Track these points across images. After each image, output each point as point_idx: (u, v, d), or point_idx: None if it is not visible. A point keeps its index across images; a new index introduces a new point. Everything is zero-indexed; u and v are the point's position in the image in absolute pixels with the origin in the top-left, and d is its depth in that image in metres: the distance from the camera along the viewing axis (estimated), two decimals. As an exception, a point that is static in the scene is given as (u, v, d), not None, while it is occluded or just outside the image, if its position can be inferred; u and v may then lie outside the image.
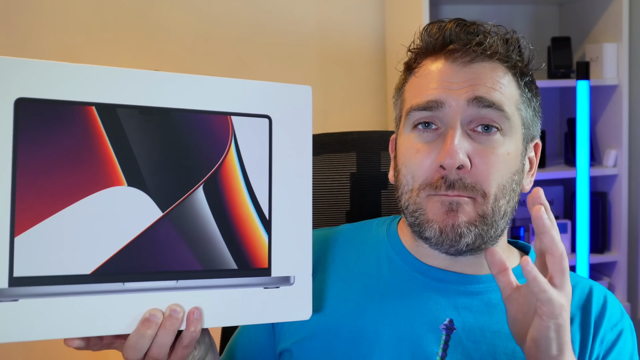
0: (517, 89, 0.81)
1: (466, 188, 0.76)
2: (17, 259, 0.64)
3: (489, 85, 0.78)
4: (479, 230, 0.77)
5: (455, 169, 0.76)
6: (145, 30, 2.21)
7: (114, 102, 0.68)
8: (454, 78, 0.79)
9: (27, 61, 0.65)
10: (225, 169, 0.73)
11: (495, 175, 0.77)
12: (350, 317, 0.82)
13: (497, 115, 0.78)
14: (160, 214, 0.70)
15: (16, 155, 0.64)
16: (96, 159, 0.67)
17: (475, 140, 0.78)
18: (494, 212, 0.78)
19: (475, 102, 0.77)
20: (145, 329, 0.67)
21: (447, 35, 0.81)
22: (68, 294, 0.66)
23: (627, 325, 0.85)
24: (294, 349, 0.83)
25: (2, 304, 0.64)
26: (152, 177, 0.69)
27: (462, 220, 0.77)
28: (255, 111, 0.75)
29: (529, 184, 0.85)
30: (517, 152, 0.80)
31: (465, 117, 0.78)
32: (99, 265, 0.67)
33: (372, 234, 0.91)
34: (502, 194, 0.78)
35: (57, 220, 0.66)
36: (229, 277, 0.73)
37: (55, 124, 0.66)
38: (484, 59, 0.80)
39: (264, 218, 0.75)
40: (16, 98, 0.64)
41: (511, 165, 0.79)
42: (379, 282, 0.84)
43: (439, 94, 0.78)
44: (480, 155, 0.77)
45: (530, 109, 0.83)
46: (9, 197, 0.64)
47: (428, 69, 0.82)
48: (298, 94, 0.77)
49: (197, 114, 0.72)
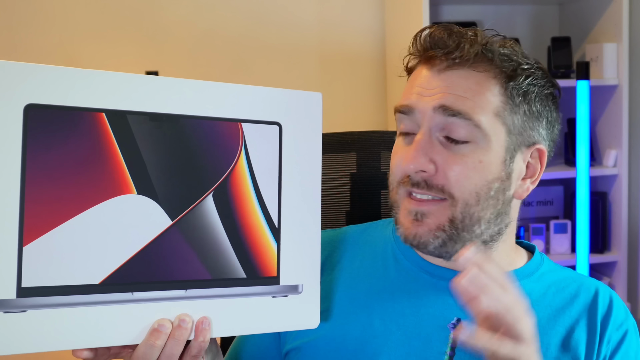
0: (498, 96, 0.79)
1: (431, 188, 0.77)
2: (25, 269, 0.63)
3: (459, 93, 0.77)
4: (448, 234, 0.78)
5: (415, 173, 0.78)
6: (145, 30, 2.21)
7: (124, 108, 0.67)
8: (428, 85, 0.79)
9: (37, 66, 0.64)
10: (235, 177, 0.72)
11: (465, 183, 0.77)
12: (358, 317, 0.82)
13: (464, 124, 0.77)
14: (169, 222, 0.69)
15: (25, 163, 0.63)
16: (106, 167, 0.66)
17: (446, 147, 0.78)
18: (464, 217, 0.77)
19: (441, 110, 0.77)
20: (155, 340, 0.67)
21: (428, 42, 0.81)
22: (77, 304, 0.65)
23: (632, 325, 0.85)
24: (301, 348, 0.84)
25: (10, 315, 0.62)
26: (161, 185, 0.68)
27: (425, 230, 0.78)
28: (266, 118, 0.74)
29: (526, 191, 0.83)
30: (496, 160, 0.79)
31: (435, 124, 0.78)
32: (107, 274, 0.66)
33: (378, 235, 0.91)
34: (475, 200, 0.77)
35: (66, 229, 0.64)
36: (238, 286, 0.72)
37: (64, 130, 0.65)
38: (460, 66, 0.79)
39: (273, 226, 0.74)
40: (26, 104, 0.63)
41: (486, 173, 0.78)
42: (385, 281, 0.85)
43: (411, 100, 0.80)
44: (448, 162, 0.77)
45: (519, 115, 0.80)
46: (18, 206, 0.63)
47: (414, 75, 0.83)
48: (308, 100, 0.77)
49: (207, 121, 0.71)
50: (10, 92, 0.63)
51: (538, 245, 2.16)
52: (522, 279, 0.84)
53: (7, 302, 0.62)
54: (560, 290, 0.85)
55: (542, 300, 0.83)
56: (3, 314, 0.62)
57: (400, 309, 0.82)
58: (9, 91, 0.63)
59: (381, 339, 0.80)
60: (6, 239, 0.62)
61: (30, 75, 0.64)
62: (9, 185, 0.62)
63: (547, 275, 0.86)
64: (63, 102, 0.65)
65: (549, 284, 0.85)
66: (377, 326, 0.81)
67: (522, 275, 0.85)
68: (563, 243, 2.21)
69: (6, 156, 0.62)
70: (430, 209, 0.78)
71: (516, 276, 0.84)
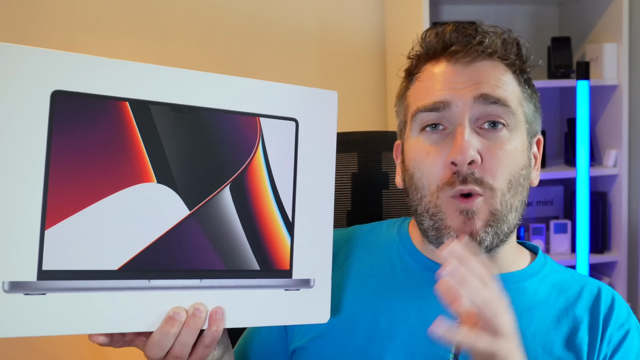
0: (518, 86, 0.83)
1: (476, 182, 0.77)
2: (46, 252, 0.63)
3: (493, 82, 0.80)
4: (494, 229, 0.78)
5: (466, 165, 0.77)
6: (146, 29, 2.21)
7: (147, 98, 0.68)
8: (458, 78, 0.80)
9: (65, 54, 0.65)
10: (252, 170, 0.73)
11: (505, 171, 0.78)
12: (364, 315, 0.83)
13: (504, 111, 0.79)
14: (187, 212, 0.70)
15: (50, 148, 0.64)
16: (127, 155, 0.67)
17: (483, 137, 0.79)
18: (503, 206, 0.78)
19: (482, 99, 0.78)
20: (169, 327, 0.67)
21: (447, 39, 0.82)
22: (95, 289, 0.65)
23: (634, 325, 0.85)
24: (308, 347, 0.84)
25: (30, 297, 0.63)
26: (181, 175, 0.69)
27: (479, 225, 0.77)
28: (283, 114, 0.75)
29: (536, 178, 0.86)
30: (524, 147, 0.82)
31: (473, 114, 0.79)
32: (126, 261, 0.67)
33: (383, 235, 0.91)
34: (508, 188, 0.79)
35: (87, 214, 0.65)
36: (251, 278, 0.73)
37: (89, 117, 0.66)
38: (484, 58, 0.81)
39: (287, 220, 0.75)
40: (53, 90, 0.64)
41: (519, 160, 0.80)
42: (392, 281, 0.85)
43: (444, 95, 0.79)
44: (490, 151, 0.78)
45: (532, 104, 0.84)
46: (42, 190, 0.63)
47: (431, 72, 0.83)
48: (325, 98, 0.78)
49: (227, 114, 0.72)
50: (38, 78, 0.63)
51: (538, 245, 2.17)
52: (527, 279, 0.85)
53: (27, 284, 0.63)
54: (564, 290, 0.85)
55: (546, 300, 0.83)
56: (24, 295, 0.63)
57: (406, 309, 0.82)
58: (37, 77, 0.63)
59: (387, 339, 0.81)
60: (29, 221, 0.63)
61: (58, 62, 0.65)
62: (34, 169, 0.63)
63: (550, 275, 0.87)
64: (89, 89, 0.66)
65: (552, 285, 0.85)
66: (383, 326, 0.81)
67: (527, 276, 0.85)
68: (563, 243, 2.21)
69: (32, 140, 0.63)
70: (477, 206, 0.77)
71: (520, 276, 0.85)
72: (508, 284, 0.82)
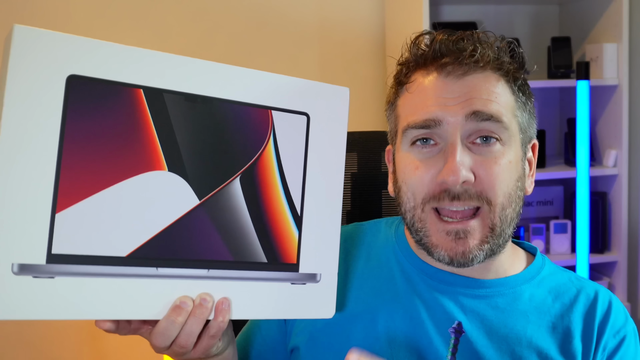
0: (511, 95, 0.80)
1: (471, 197, 0.76)
2: (56, 236, 0.63)
3: (485, 97, 0.77)
4: (490, 245, 0.77)
5: (459, 185, 0.75)
6: (146, 28, 2.21)
7: (161, 87, 0.68)
8: (449, 93, 0.77)
9: (80, 39, 0.65)
10: (262, 162, 0.73)
11: (501, 185, 0.77)
12: (362, 318, 0.83)
13: (496, 127, 0.77)
14: (197, 201, 0.70)
15: (64, 132, 0.64)
16: (140, 142, 0.67)
17: (475, 152, 0.77)
18: (502, 221, 0.77)
19: (474, 116, 0.76)
20: (176, 316, 0.67)
21: (438, 48, 0.79)
22: (103, 274, 0.65)
23: (631, 330, 0.84)
24: (306, 346, 0.84)
25: (38, 280, 0.63)
26: (192, 164, 0.69)
27: (474, 244, 0.76)
28: (295, 108, 0.75)
29: (530, 185, 0.84)
30: (518, 158, 0.80)
31: (465, 132, 0.77)
32: (135, 248, 0.66)
33: (382, 236, 0.91)
34: (508, 202, 0.78)
35: (98, 200, 0.65)
36: (258, 270, 0.73)
37: (103, 103, 0.65)
38: (476, 70, 0.79)
39: (295, 214, 0.75)
40: (68, 75, 0.64)
41: (514, 172, 0.79)
42: (390, 284, 0.84)
43: (435, 112, 0.77)
44: (484, 167, 0.76)
45: (526, 112, 0.82)
46: (54, 173, 0.63)
47: (421, 84, 0.80)
48: (336, 94, 0.79)
49: (239, 106, 0.72)
50: (54, 62, 0.63)
51: (538, 246, 2.16)
52: (523, 283, 0.84)
53: (37, 267, 0.63)
54: (560, 295, 0.84)
55: (542, 306, 0.83)
56: (32, 278, 0.62)
57: (403, 312, 0.82)
58: (54, 60, 0.63)
59: (385, 342, 0.80)
60: (40, 204, 0.63)
61: (75, 47, 0.64)
62: (47, 152, 0.63)
63: (547, 279, 0.86)
64: (104, 75, 0.66)
65: (549, 289, 0.85)
66: (382, 327, 0.81)
67: (523, 280, 0.84)
68: (563, 243, 2.21)
69: (46, 123, 0.63)
70: (472, 225, 0.76)
71: (517, 281, 0.84)
72: (504, 289, 0.82)
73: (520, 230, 2.15)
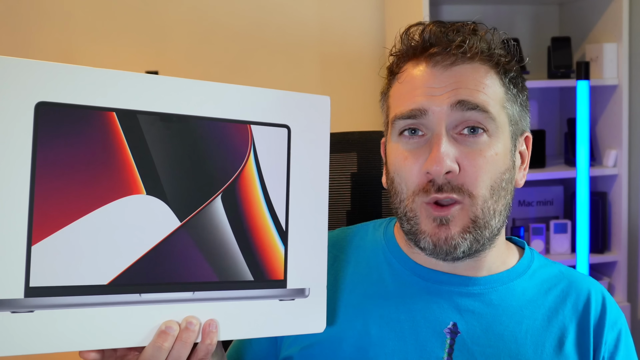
0: (501, 87, 0.80)
1: (454, 190, 0.76)
2: (33, 268, 0.62)
3: (472, 87, 0.77)
4: (474, 235, 0.77)
5: (442, 175, 0.75)
6: (146, 30, 2.21)
7: (134, 108, 0.67)
8: (436, 83, 0.77)
9: (49, 64, 0.63)
10: (243, 179, 0.72)
11: (485, 177, 0.77)
12: (354, 323, 0.82)
13: (483, 117, 0.77)
14: (178, 223, 0.68)
15: (35, 161, 0.62)
16: (116, 166, 0.66)
17: (462, 143, 0.77)
18: (484, 213, 0.77)
19: (459, 106, 0.76)
20: (162, 342, 0.66)
21: (427, 39, 0.80)
22: (85, 305, 0.64)
23: (623, 322, 0.86)
24: (298, 356, 0.83)
25: (17, 315, 0.61)
26: (171, 185, 0.68)
27: (455, 231, 0.76)
28: (275, 120, 0.74)
29: (522, 179, 0.84)
30: (506, 150, 0.79)
31: (450, 122, 0.77)
32: (116, 275, 0.65)
33: (369, 239, 0.90)
34: (490, 194, 0.77)
35: (75, 228, 0.64)
36: (245, 289, 0.71)
37: (75, 129, 0.64)
38: (465, 61, 0.78)
39: (280, 229, 0.74)
40: (37, 102, 0.62)
41: (500, 165, 0.78)
42: (380, 287, 0.84)
43: (422, 102, 0.77)
44: (469, 159, 0.76)
45: (517, 104, 0.82)
46: (27, 204, 0.62)
47: (411, 75, 0.80)
48: (317, 104, 0.77)
49: (217, 122, 0.70)
50: (22, 90, 0.62)
51: (538, 245, 2.17)
52: (515, 278, 0.84)
53: (15, 301, 0.61)
54: (552, 287, 0.85)
55: (535, 299, 0.83)
56: (11, 314, 0.61)
57: (396, 315, 0.81)
58: (20, 88, 0.62)
59: (378, 346, 0.80)
60: (15, 237, 0.61)
61: (42, 73, 0.63)
62: (19, 183, 0.62)
63: (538, 272, 0.86)
64: (74, 100, 0.64)
65: (541, 282, 0.85)
66: (374, 333, 0.80)
67: (515, 275, 0.85)
68: (563, 243, 2.21)
69: (17, 154, 0.62)
70: (453, 214, 0.76)
71: (509, 276, 0.84)
72: (497, 285, 0.83)
73: (520, 230, 2.15)
